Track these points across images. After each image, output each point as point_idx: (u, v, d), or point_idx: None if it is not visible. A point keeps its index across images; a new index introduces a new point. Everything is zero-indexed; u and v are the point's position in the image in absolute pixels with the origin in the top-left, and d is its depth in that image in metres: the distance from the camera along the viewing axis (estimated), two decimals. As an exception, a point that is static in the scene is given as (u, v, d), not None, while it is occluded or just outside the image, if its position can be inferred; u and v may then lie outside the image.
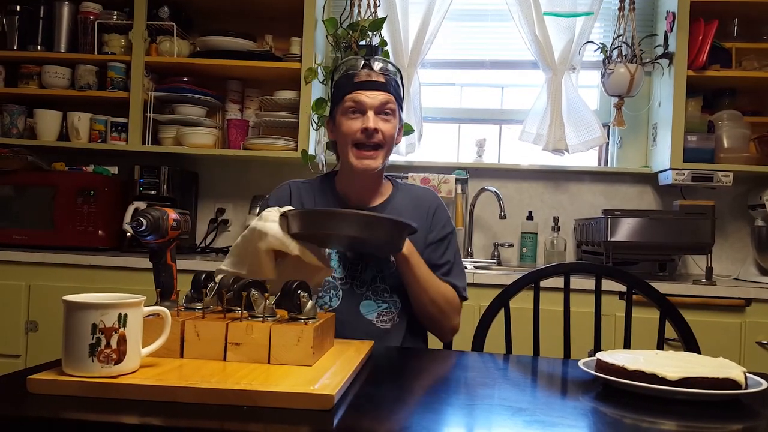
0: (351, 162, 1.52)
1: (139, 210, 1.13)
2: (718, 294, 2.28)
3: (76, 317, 0.89)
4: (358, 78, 1.51)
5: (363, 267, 1.55)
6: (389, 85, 1.53)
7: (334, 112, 1.57)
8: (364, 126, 1.49)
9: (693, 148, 2.62)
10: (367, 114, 1.49)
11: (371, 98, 1.50)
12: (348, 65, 1.55)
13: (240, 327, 1.02)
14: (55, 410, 0.82)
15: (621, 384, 1.00)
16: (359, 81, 1.51)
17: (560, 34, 2.84)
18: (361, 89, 1.50)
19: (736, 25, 2.75)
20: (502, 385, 1.06)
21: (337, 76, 1.57)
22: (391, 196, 1.62)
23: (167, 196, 2.78)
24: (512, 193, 2.98)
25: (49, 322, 2.45)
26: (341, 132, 1.53)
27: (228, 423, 0.80)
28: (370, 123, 1.48)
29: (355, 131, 1.50)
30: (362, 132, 1.49)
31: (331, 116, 1.59)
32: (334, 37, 2.77)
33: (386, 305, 1.54)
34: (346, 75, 1.53)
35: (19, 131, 2.91)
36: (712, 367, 1.01)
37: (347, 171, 1.58)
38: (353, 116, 1.50)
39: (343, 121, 1.52)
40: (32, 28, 2.87)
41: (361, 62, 1.53)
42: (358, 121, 1.50)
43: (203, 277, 1.16)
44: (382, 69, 1.53)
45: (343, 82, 1.53)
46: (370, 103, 1.50)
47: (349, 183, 1.59)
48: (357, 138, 1.50)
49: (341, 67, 1.57)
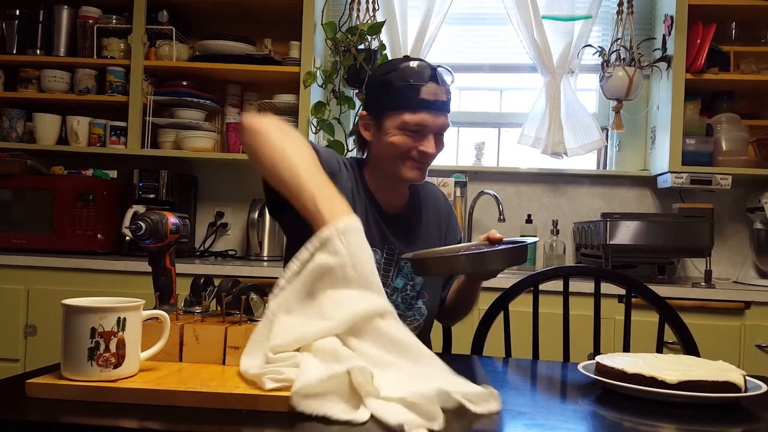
0: (401, 172, 1.42)
1: (138, 214, 1.13)
2: (717, 297, 2.28)
3: (75, 321, 0.89)
4: (425, 94, 1.38)
5: (395, 274, 1.49)
6: (449, 102, 1.44)
7: (382, 114, 1.42)
8: (423, 150, 1.40)
9: (691, 151, 2.62)
10: (428, 137, 1.40)
11: (435, 121, 1.40)
12: (414, 70, 1.40)
13: (239, 331, 1.02)
14: (53, 414, 0.82)
15: (620, 387, 1.00)
16: (426, 99, 1.38)
17: (559, 38, 2.85)
18: (427, 110, 1.38)
19: (734, 28, 2.75)
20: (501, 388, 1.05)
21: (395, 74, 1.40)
22: (411, 198, 1.57)
23: (166, 199, 2.78)
24: (511, 197, 2.98)
25: (48, 326, 2.45)
26: (391, 143, 1.40)
27: (227, 427, 0.80)
28: (431, 149, 1.40)
29: (410, 149, 1.40)
30: (419, 153, 1.41)
31: (375, 115, 1.44)
32: (333, 41, 2.77)
33: (411, 313, 1.51)
34: (410, 85, 1.38)
35: (18, 135, 2.91)
36: (712, 370, 1.01)
37: (383, 175, 1.48)
38: (411, 134, 1.40)
39: (396, 134, 1.40)
40: (31, 32, 2.87)
41: (429, 72, 1.40)
42: (413, 141, 1.40)
43: (202, 280, 1.16)
44: (448, 84, 1.44)
45: (405, 91, 1.38)
46: (433, 127, 1.40)
47: (382, 186, 1.50)
48: (411, 156, 1.41)
49: (403, 67, 1.41)
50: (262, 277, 2.38)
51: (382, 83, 1.43)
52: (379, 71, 1.47)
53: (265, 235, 2.83)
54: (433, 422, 0.80)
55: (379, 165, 1.47)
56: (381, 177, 1.49)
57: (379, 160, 1.47)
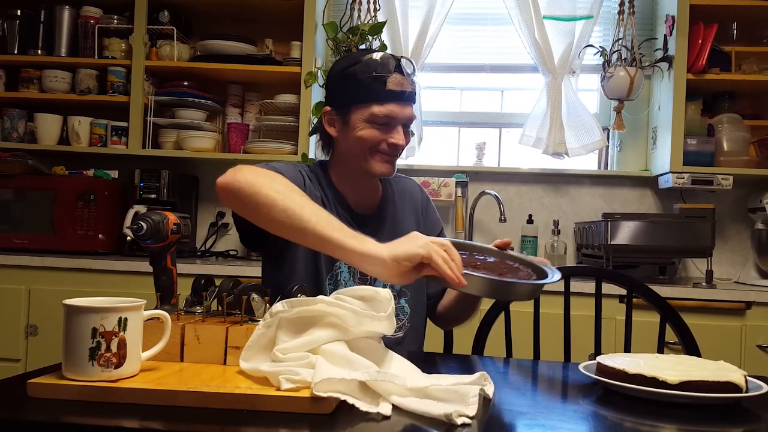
0: (371, 167, 1.40)
1: (140, 214, 1.13)
2: (719, 297, 2.28)
3: (76, 321, 0.89)
4: (392, 85, 1.36)
5: (373, 278, 1.42)
6: (415, 93, 1.42)
7: (347, 108, 1.39)
8: (393, 142, 1.38)
9: (693, 151, 2.62)
10: (396, 128, 1.39)
11: (403, 112, 1.38)
12: (378, 62, 1.37)
13: (240, 331, 1.02)
14: (55, 414, 0.82)
15: (621, 387, 1.00)
16: (392, 90, 1.36)
17: (560, 38, 2.85)
18: (394, 101, 1.36)
19: (735, 28, 2.75)
20: (502, 388, 1.05)
21: (359, 67, 1.38)
22: (384, 194, 1.54)
23: (167, 200, 2.78)
24: (512, 197, 2.98)
25: (49, 326, 2.45)
26: (359, 137, 1.38)
27: (228, 427, 0.80)
28: (401, 140, 1.39)
29: (379, 142, 1.38)
30: (389, 146, 1.39)
31: (340, 110, 1.41)
32: (334, 41, 2.77)
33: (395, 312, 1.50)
34: (375, 76, 1.36)
35: (19, 135, 2.92)
36: (713, 370, 1.01)
37: (351, 173, 1.46)
38: (379, 127, 1.38)
39: (365, 128, 1.38)
40: (33, 32, 2.88)
41: (393, 63, 1.38)
42: (382, 133, 1.38)
43: (203, 281, 1.16)
44: (412, 74, 1.40)
45: (371, 82, 1.36)
46: (401, 117, 1.38)
47: (351, 184, 1.48)
48: (381, 149, 1.39)
49: (366, 60, 1.38)
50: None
51: (345, 76, 1.39)
52: (341, 65, 1.43)
53: (266, 235, 2.83)
54: (467, 409, 0.84)
55: (347, 161, 1.45)
56: (349, 175, 1.47)
57: (347, 156, 1.44)
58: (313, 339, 0.96)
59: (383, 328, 1.01)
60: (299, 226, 1.11)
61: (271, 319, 0.97)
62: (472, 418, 0.83)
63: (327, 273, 1.42)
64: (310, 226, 1.10)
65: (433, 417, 0.83)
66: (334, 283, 1.42)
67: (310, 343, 0.95)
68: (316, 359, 0.92)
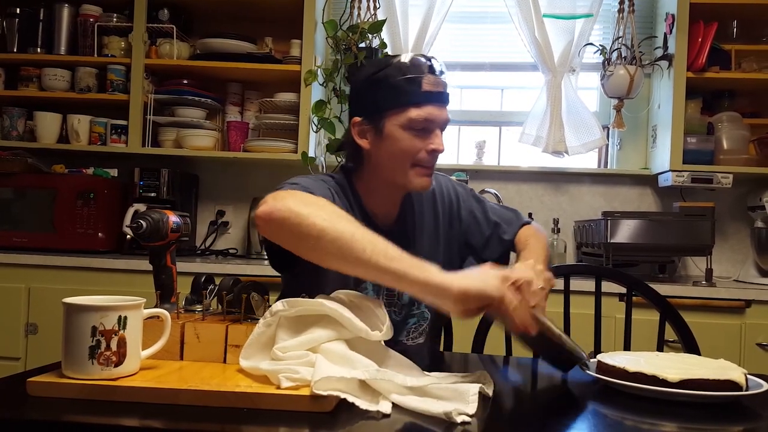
0: (409, 181, 1.31)
1: (139, 212, 1.13)
2: (718, 295, 2.28)
3: (76, 320, 0.89)
4: (427, 86, 1.27)
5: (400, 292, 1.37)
6: (449, 94, 1.33)
7: (380, 116, 1.29)
8: (434, 147, 1.29)
9: (692, 149, 2.62)
10: (435, 132, 1.29)
11: (441, 114, 1.29)
12: (410, 64, 1.29)
13: (240, 329, 1.02)
14: (54, 413, 0.82)
15: (621, 386, 1.00)
16: (429, 91, 1.27)
17: (560, 36, 2.85)
18: (431, 102, 1.27)
19: (735, 26, 2.75)
20: (502, 387, 1.05)
21: (390, 70, 1.29)
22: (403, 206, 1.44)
23: (167, 198, 2.78)
24: (512, 195, 2.98)
25: (49, 324, 2.45)
26: (400, 148, 1.28)
27: (228, 425, 0.80)
28: (441, 145, 1.29)
29: (418, 150, 1.28)
30: (429, 153, 1.29)
31: (372, 119, 1.31)
32: (334, 39, 2.77)
33: (414, 319, 1.42)
34: (409, 78, 1.27)
35: (19, 134, 2.91)
36: (713, 368, 1.01)
37: (382, 184, 1.36)
38: (417, 133, 1.28)
39: (404, 136, 1.28)
40: (32, 30, 2.87)
41: (426, 63, 1.29)
42: (421, 140, 1.29)
43: (203, 279, 1.16)
44: (444, 74, 1.32)
45: (406, 85, 1.27)
46: (440, 120, 1.29)
47: (379, 196, 1.37)
48: (420, 158, 1.29)
49: (396, 63, 1.30)
50: (262, 275, 2.38)
51: (374, 82, 1.30)
52: (367, 71, 1.34)
53: (265, 234, 2.83)
54: (467, 407, 0.84)
55: (380, 174, 1.35)
56: (379, 188, 1.37)
57: (381, 169, 1.34)
58: (313, 338, 0.96)
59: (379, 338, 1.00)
60: (352, 257, 1.02)
61: (271, 318, 0.97)
62: (472, 417, 0.83)
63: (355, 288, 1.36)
64: (365, 257, 1.00)
65: (433, 415, 0.83)
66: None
67: (309, 342, 0.95)
68: (316, 358, 0.92)
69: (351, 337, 0.98)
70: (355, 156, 1.38)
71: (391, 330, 1.01)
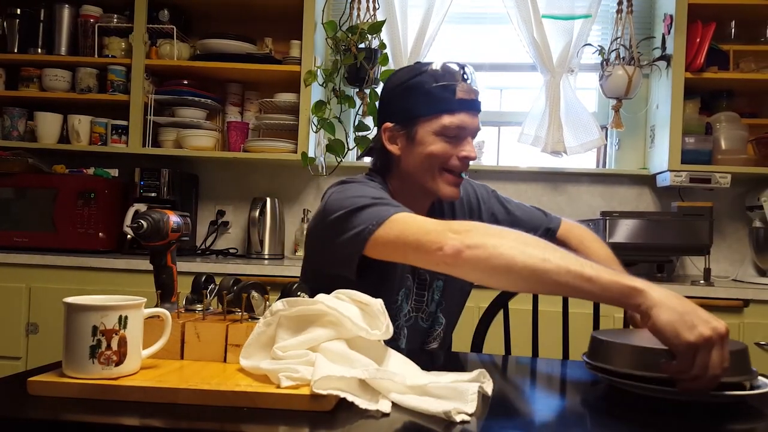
0: (438, 188, 1.33)
1: (140, 212, 1.14)
2: (717, 295, 2.28)
3: (76, 319, 0.89)
4: (461, 94, 1.29)
5: (430, 299, 1.41)
6: (481, 102, 1.35)
7: (413, 122, 1.31)
8: (465, 154, 1.31)
9: (691, 149, 2.62)
10: (467, 140, 1.32)
11: (473, 122, 1.31)
12: (443, 71, 1.31)
13: (240, 329, 1.02)
14: (55, 412, 0.83)
15: (623, 384, 1.00)
16: (462, 99, 1.29)
17: (558, 37, 2.85)
18: (464, 110, 1.29)
19: (733, 27, 2.75)
20: (501, 385, 1.06)
21: (424, 77, 1.31)
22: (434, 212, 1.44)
23: (167, 198, 2.78)
24: (511, 195, 2.90)
25: (50, 324, 2.45)
26: (429, 153, 1.30)
27: (228, 424, 0.80)
28: (473, 152, 1.31)
29: (450, 156, 1.31)
30: (461, 160, 1.31)
31: (404, 125, 1.32)
32: (334, 40, 2.78)
33: (434, 325, 1.45)
34: (443, 86, 1.29)
35: (19, 134, 2.92)
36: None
37: (412, 191, 1.37)
38: (449, 140, 1.30)
39: (435, 142, 1.30)
40: (33, 31, 2.88)
41: (459, 71, 1.32)
42: (453, 147, 1.31)
43: (203, 279, 1.17)
44: (476, 83, 1.34)
45: (440, 92, 1.29)
46: (471, 128, 1.31)
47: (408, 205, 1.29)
48: (451, 164, 1.31)
49: (429, 70, 1.32)
50: (263, 275, 2.38)
51: (408, 89, 1.32)
52: (400, 77, 1.36)
53: (266, 234, 2.84)
54: (466, 406, 0.84)
55: (410, 180, 1.36)
56: (408, 194, 1.37)
57: (411, 175, 1.35)
58: (313, 337, 0.96)
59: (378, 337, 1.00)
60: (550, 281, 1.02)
61: (271, 318, 0.98)
62: (471, 415, 0.84)
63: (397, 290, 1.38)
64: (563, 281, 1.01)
65: (433, 414, 0.83)
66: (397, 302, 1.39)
67: (309, 341, 0.96)
68: (316, 357, 0.93)
69: (351, 337, 0.99)
70: (384, 162, 1.39)
71: (391, 329, 1.01)
